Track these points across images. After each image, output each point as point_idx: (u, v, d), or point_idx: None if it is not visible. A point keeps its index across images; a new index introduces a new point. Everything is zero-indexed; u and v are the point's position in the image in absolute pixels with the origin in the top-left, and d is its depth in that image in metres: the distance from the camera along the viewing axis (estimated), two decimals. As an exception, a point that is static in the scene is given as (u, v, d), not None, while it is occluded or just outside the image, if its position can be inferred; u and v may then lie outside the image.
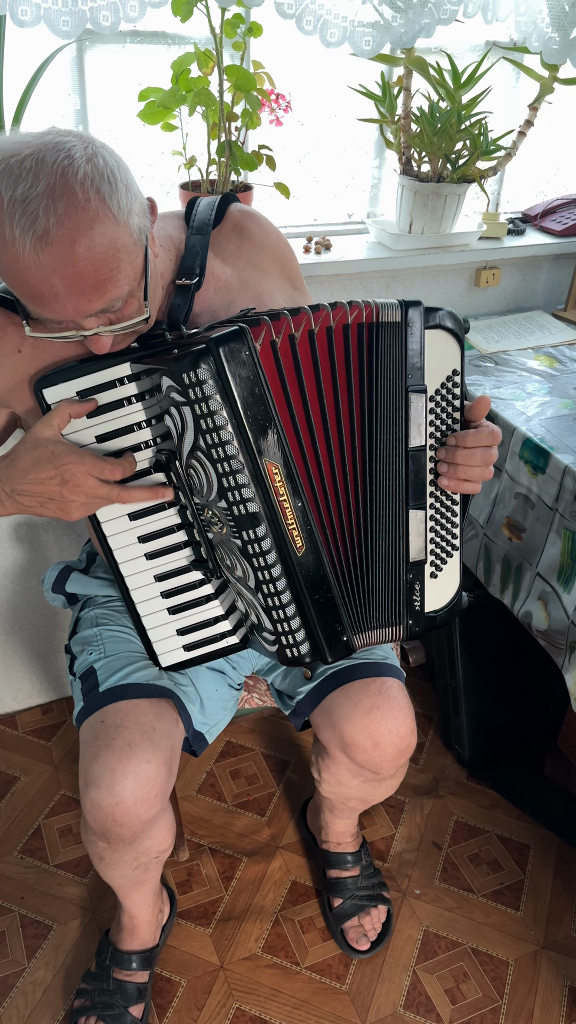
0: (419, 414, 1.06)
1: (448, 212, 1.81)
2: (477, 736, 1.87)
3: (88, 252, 0.91)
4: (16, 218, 0.89)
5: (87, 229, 0.90)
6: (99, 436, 1.08)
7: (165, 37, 1.58)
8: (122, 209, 0.93)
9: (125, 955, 1.41)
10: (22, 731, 1.95)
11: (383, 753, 1.22)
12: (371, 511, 1.08)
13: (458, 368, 1.08)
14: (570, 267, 2.08)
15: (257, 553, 1.03)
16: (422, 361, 1.05)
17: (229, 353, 0.95)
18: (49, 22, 1.31)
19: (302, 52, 1.66)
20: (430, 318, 1.05)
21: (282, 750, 1.92)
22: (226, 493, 1.01)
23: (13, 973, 1.48)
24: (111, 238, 0.92)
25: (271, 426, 0.98)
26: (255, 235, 1.23)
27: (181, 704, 1.21)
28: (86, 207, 0.90)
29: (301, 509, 1.02)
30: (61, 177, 0.89)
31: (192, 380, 0.96)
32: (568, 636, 1.45)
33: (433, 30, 1.53)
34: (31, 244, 0.89)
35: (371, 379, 1.05)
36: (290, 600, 1.05)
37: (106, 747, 1.11)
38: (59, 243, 0.89)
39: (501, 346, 1.86)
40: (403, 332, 1.04)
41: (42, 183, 0.89)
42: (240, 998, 1.46)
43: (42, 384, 1.06)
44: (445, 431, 1.10)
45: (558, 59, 1.66)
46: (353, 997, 1.47)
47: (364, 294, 1.87)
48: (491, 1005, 1.47)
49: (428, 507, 1.11)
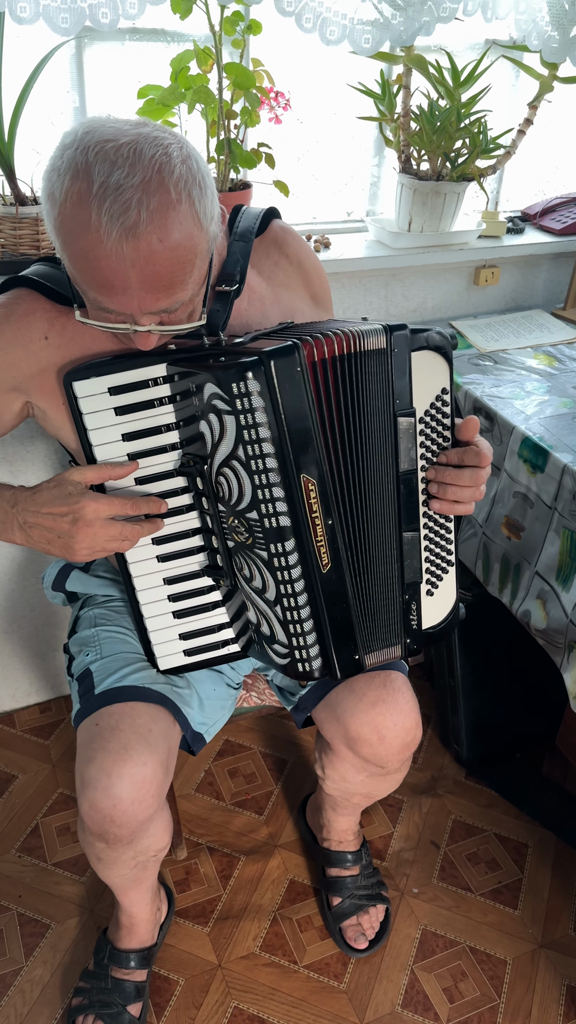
0: (408, 438, 1.05)
1: (447, 211, 1.80)
2: (475, 735, 1.87)
3: (171, 252, 0.91)
4: (106, 205, 0.88)
5: (174, 229, 0.90)
6: (125, 435, 1.07)
7: (164, 34, 1.58)
8: (206, 215, 0.94)
9: (123, 954, 1.41)
10: (20, 729, 1.95)
11: (389, 746, 1.22)
12: (370, 534, 1.08)
13: (447, 387, 1.07)
14: (569, 266, 2.08)
15: (283, 567, 1.03)
16: (409, 385, 1.04)
17: (281, 367, 0.95)
18: (48, 19, 1.30)
19: (301, 50, 1.66)
20: (416, 340, 1.03)
21: (281, 749, 1.92)
22: (259, 505, 1.00)
23: (11, 972, 1.48)
24: (193, 242, 0.93)
25: (312, 443, 0.98)
26: (294, 252, 1.23)
27: (177, 708, 1.21)
28: (176, 207, 0.90)
29: (331, 527, 1.02)
30: (157, 173, 0.89)
31: (241, 391, 0.95)
32: (567, 635, 1.45)
33: (433, 28, 1.53)
34: (117, 234, 0.88)
35: (356, 407, 1.03)
36: (309, 616, 1.05)
37: (101, 750, 1.11)
38: (145, 238, 0.89)
39: (500, 345, 1.86)
40: (388, 358, 1.02)
41: (138, 175, 0.88)
42: (238, 997, 1.46)
43: (72, 377, 1.04)
44: (436, 451, 1.09)
45: (558, 57, 1.65)
46: (351, 996, 1.47)
47: (363, 292, 1.86)
48: (489, 1004, 1.47)
49: (422, 527, 1.10)
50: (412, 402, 1.05)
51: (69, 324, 1.10)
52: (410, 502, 1.08)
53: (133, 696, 1.16)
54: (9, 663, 1.93)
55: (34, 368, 1.10)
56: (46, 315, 1.09)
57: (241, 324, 1.16)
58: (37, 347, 1.09)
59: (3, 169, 1.45)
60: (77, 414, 1.06)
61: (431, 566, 1.13)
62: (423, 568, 1.12)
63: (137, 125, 0.93)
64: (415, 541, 1.09)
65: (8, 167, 1.45)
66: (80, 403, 1.05)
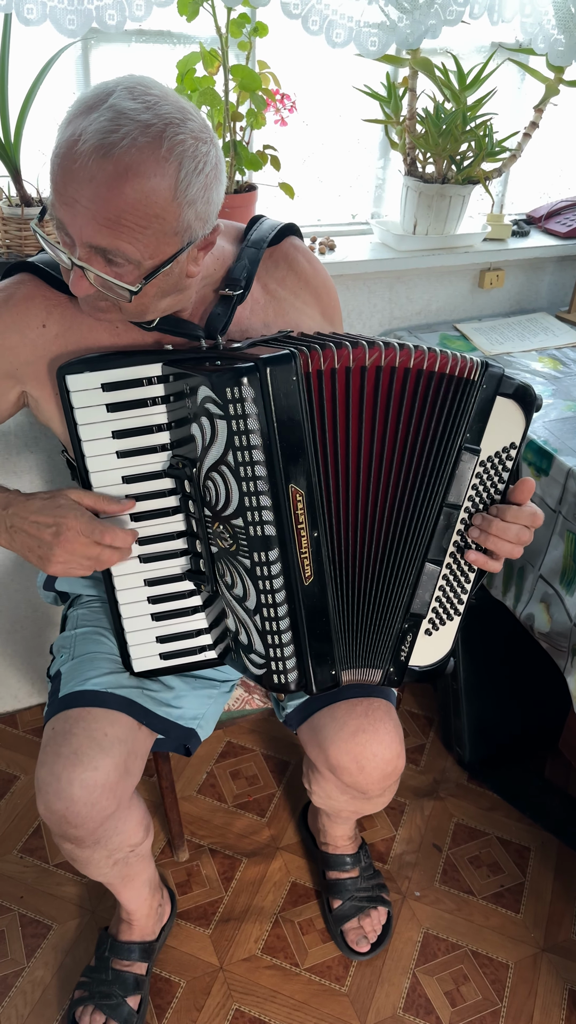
0: (466, 473, 1.05)
1: (452, 213, 1.80)
2: (478, 738, 1.86)
3: (132, 192, 0.89)
4: (103, 118, 0.88)
5: (145, 177, 0.89)
6: (115, 432, 1.07)
7: (171, 36, 1.58)
8: (186, 194, 0.93)
9: (124, 945, 1.42)
10: (22, 730, 1.95)
11: (368, 776, 1.21)
12: (388, 552, 1.07)
13: (517, 443, 1.06)
14: (574, 269, 2.07)
15: (265, 576, 1.02)
16: (484, 425, 1.04)
17: (276, 376, 0.94)
18: (55, 20, 1.30)
19: (308, 52, 1.66)
20: (506, 385, 1.03)
21: (282, 751, 1.92)
22: (245, 512, 1.00)
23: (12, 972, 1.48)
24: (159, 204, 0.91)
25: (303, 454, 0.98)
26: (303, 269, 1.23)
27: (145, 712, 1.19)
28: (158, 162, 0.90)
29: (316, 540, 1.02)
30: (164, 126, 0.90)
31: (235, 396, 0.95)
32: (570, 638, 1.45)
33: (439, 31, 1.53)
34: (93, 143, 0.88)
35: (428, 427, 1.03)
36: (288, 627, 1.05)
37: (53, 753, 1.11)
38: (114, 163, 0.88)
39: (505, 348, 1.86)
40: (476, 391, 1.02)
41: (145, 116, 0.89)
42: (239, 999, 1.46)
43: (65, 370, 1.04)
44: (485, 499, 1.08)
45: (564, 61, 1.65)
46: (353, 999, 1.47)
47: (368, 295, 1.86)
48: (491, 1008, 1.47)
49: (444, 565, 1.09)
50: (480, 442, 1.04)
51: (68, 313, 1.10)
52: (443, 535, 1.07)
53: (92, 701, 1.15)
54: (11, 663, 1.93)
55: (30, 355, 1.10)
56: (46, 302, 1.09)
57: (240, 331, 1.16)
58: (35, 334, 1.09)
59: (9, 170, 1.45)
60: (68, 408, 1.06)
61: (439, 606, 1.12)
62: (431, 605, 1.11)
63: (185, 101, 0.95)
64: (434, 575, 1.08)
65: (14, 168, 1.45)
66: (72, 397, 1.05)
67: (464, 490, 1.05)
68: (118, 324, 1.11)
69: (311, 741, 1.26)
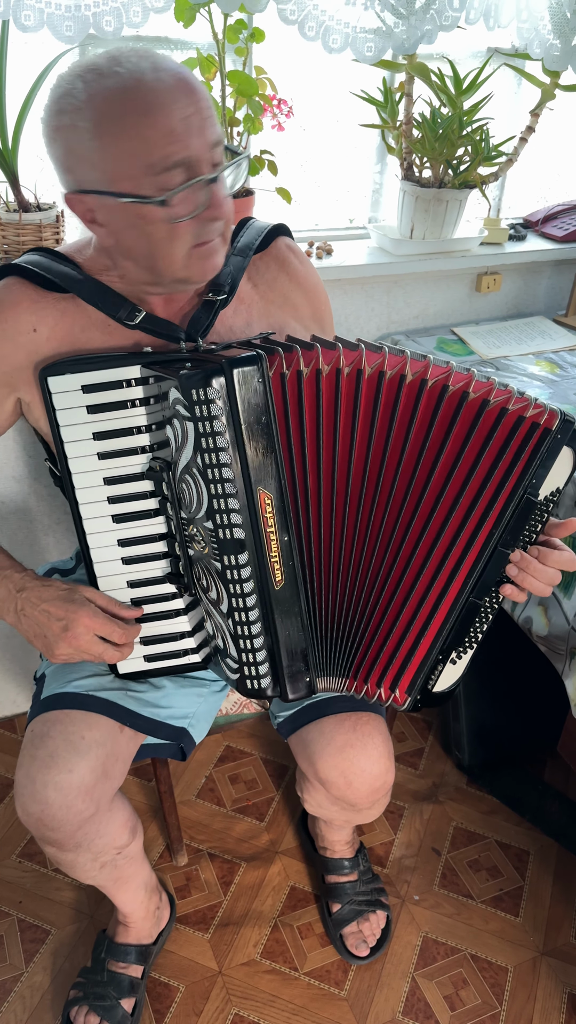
0: (522, 520, 1.02)
1: (449, 218, 1.81)
2: (477, 742, 1.86)
3: (203, 89, 0.96)
4: (147, 66, 0.93)
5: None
6: (96, 433, 1.07)
7: (168, 42, 1.58)
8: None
9: (121, 947, 1.42)
10: (20, 735, 1.94)
11: (356, 791, 1.21)
12: (414, 574, 1.06)
13: (562, 487, 1.04)
14: (571, 273, 2.08)
15: (235, 580, 1.02)
16: (547, 474, 1.00)
17: (242, 377, 0.94)
18: (52, 27, 1.31)
19: (304, 58, 1.66)
20: (573, 434, 0.99)
21: (281, 755, 1.92)
22: (215, 515, 1.00)
23: (11, 977, 1.48)
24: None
25: (272, 457, 0.98)
26: (295, 270, 1.23)
27: (128, 713, 1.19)
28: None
29: (287, 543, 1.01)
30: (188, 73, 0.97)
31: (200, 397, 0.95)
32: (568, 642, 1.45)
33: (435, 36, 1.53)
34: (169, 77, 0.93)
35: (488, 467, 1.00)
36: (260, 632, 1.04)
37: (29, 757, 1.11)
38: (190, 78, 0.95)
39: (502, 351, 1.86)
40: (551, 441, 0.98)
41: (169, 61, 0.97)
42: (238, 1004, 1.46)
43: (47, 372, 1.05)
44: (524, 540, 1.05)
45: (559, 66, 1.66)
46: (352, 1003, 1.47)
47: (365, 299, 1.87)
48: (490, 1012, 1.47)
49: (486, 601, 1.07)
50: (539, 489, 1.01)
51: (58, 315, 1.10)
52: (491, 576, 1.04)
53: (71, 704, 1.15)
54: (8, 668, 1.93)
55: (23, 360, 1.10)
56: (33, 305, 1.09)
57: (225, 329, 1.16)
58: (25, 339, 1.09)
59: (7, 175, 1.46)
60: (51, 409, 1.06)
61: (467, 637, 1.10)
62: (467, 636, 1.09)
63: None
64: (475, 610, 1.06)
65: (12, 173, 1.45)
66: (54, 399, 1.06)
67: (520, 535, 1.03)
68: (109, 324, 1.10)
69: (301, 753, 1.26)
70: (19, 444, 1.68)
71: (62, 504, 1.78)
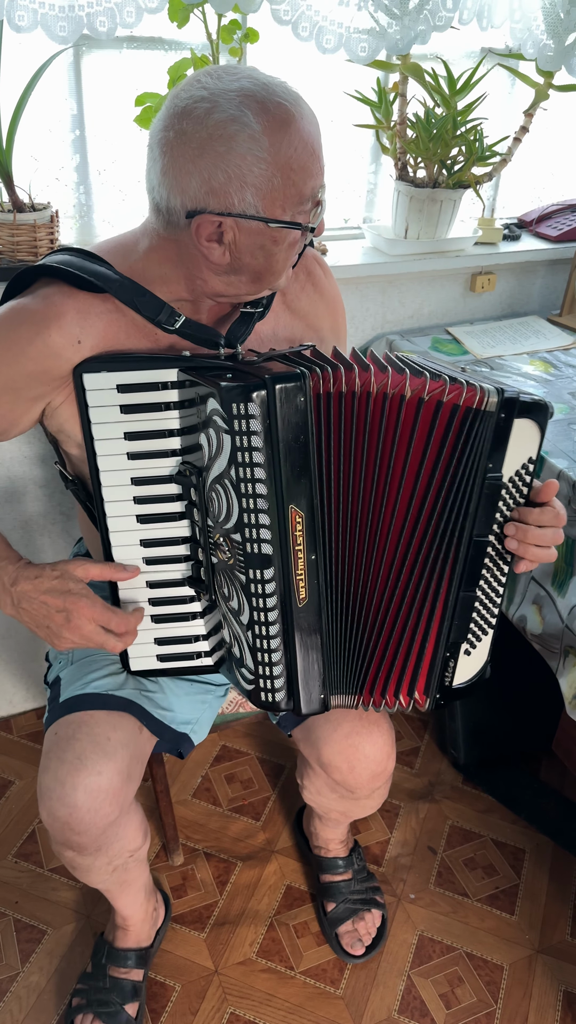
0: (493, 502, 1.03)
1: (444, 218, 1.81)
2: (472, 740, 1.87)
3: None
4: (288, 103, 0.96)
5: None
6: (127, 433, 1.07)
7: (162, 43, 1.58)
8: None
9: (121, 952, 1.41)
10: (17, 735, 1.94)
11: (358, 776, 1.23)
12: (407, 583, 1.07)
13: (534, 456, 1.04)
14: (565, 272, 2.08)
15: (259, 594, 1.02)
16: (504, 450, 1.01)
17: (284, 394, 0.94)
18: (46, 27, 1.31)
19: (298, 58, 1.67)
20: (521, 407, 1.00)
21: (277, 755, 1.92)
22: (244, 528, 1.00)
23: (7, 978, 1.48)
24: None
25: (306, 476, 0.98)
26: (320, 282, 1.24)
27: (146, 713, 1.19)
28: None
29: (314, 563, 1.02)
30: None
31: (241, 412, 0.95)
32: (562, 640, 1.45)
33: (428, 37, 1.54)
34: (308, 108, 0.98)
35: (449, 460, 1.01)
36: (279, 647, 1.05)
37: (57, 759, 1.11)
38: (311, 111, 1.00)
39: (496, 351, 1.86)
40: (495, 422, 0.99)
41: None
42: (234, 1003, 1.46)
43: (83, 369, 1.04)
44: (508, 517, 1.06)
45: (553, 66, 1.66)
46: (348, 1002, 1.47)
47: (360, 299, 1.87)
48: (486, 1010, 1.47)
49: (478, 589, 1.08)
50: (502, 469, 1.02)
51: (104, 325, 1.06)
52: (475, 566, 1.06)
53: (94, 704, 1.15)
54: (5, 669, 1.93)
55: (65, 371, 1.07)
56: (78, 314, 1.05)
57: (258, 341, 1.16)
58: (70, 352, 1.05)
59: (1, 176, 1.46)
60: (83, 407, 1.05)
61: (475, 627, 1.11)
62: (470, 629, 1.10)
63: None
64: (469, 602, 1.08)
65: (6, 174, 1.45)
66: (88, 396, 1.05)
67: (492, 518, 1.04)
68: (147, 327, 1.09)
69: (305, 739, 1.27)
70: (14, 444, 1.68)
71: (58, 505, 1.78)
